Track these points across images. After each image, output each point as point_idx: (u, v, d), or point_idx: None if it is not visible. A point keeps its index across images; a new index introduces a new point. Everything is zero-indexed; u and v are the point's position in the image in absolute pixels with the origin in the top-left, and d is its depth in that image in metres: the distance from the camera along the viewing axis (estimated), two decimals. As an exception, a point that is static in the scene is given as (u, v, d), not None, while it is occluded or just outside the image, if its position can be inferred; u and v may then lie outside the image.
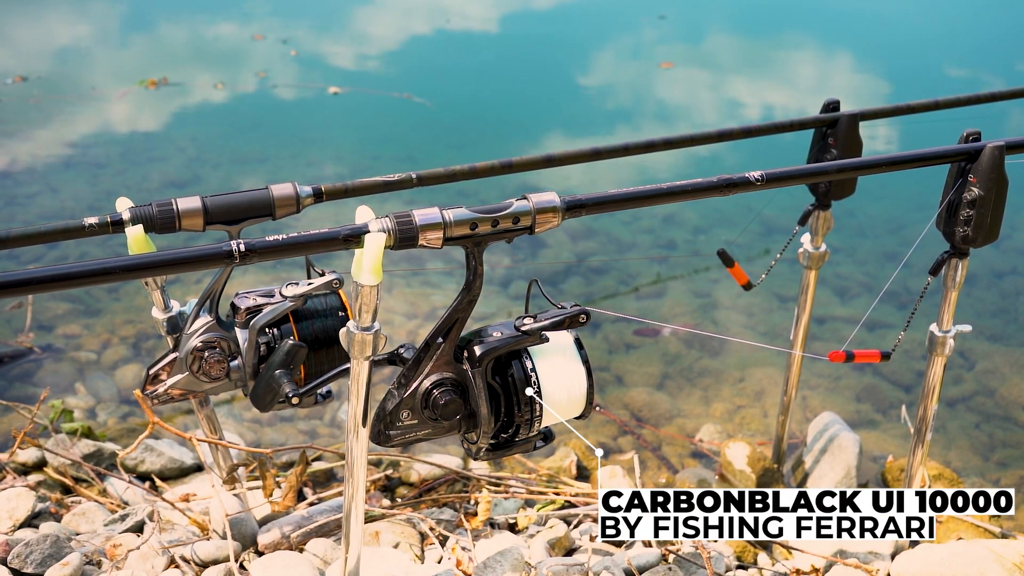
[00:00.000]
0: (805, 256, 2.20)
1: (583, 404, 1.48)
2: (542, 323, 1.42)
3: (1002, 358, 3.36)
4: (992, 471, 2.79)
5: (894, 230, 4.42)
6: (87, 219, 1.56)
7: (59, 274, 1.12)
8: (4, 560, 1.74)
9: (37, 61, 6.74)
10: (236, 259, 1.20)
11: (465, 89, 6.59)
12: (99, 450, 2.37)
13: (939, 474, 2.53)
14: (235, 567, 1.77)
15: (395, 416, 1.43)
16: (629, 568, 1.85)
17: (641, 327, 3.32)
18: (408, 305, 3.58)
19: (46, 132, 5.29)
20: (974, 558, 1.94)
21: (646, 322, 3.34)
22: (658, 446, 2.81)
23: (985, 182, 1.65)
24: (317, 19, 8.52)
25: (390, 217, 1.29)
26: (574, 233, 4.19)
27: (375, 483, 2.28)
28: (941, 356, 1.88)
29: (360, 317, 1.31)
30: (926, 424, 1.95)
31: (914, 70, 7.39)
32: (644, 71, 7.26)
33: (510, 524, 2.12)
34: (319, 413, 2.91)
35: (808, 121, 2.06)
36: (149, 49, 7.38)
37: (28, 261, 3.71)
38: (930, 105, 2.14)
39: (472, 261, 1.37)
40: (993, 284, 3.91)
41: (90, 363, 3.14)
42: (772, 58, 7.74)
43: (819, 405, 3.01)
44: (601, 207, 1.42)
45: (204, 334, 1.65)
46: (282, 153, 5.20)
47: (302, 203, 1.66)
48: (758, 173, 1.50)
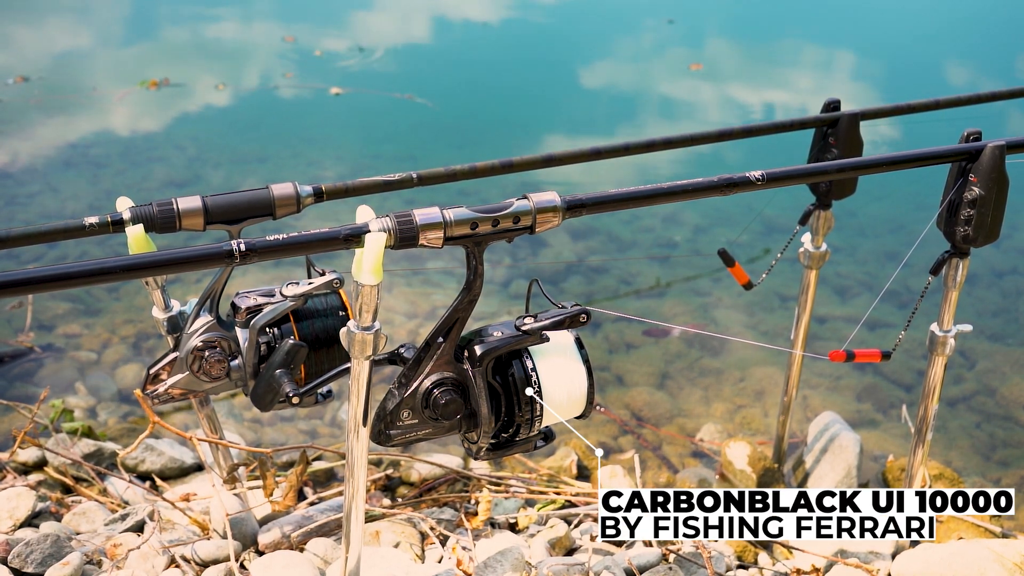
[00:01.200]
0: (806, 256, 2.20)
1: (583, 404, 1.48)
2: (542, 323, 1.42)
3: (1003, 358, 3.36)
4: (993, 471, 2.79)
5: (894, 230, 4.42)
6: (87, 219, 1.56)
7: (59, 274, 1.12)
8: (4, 560, 1.74)
9: (38, 62, 6.73)
10: (236, 259, 1.20)
11: (465, 89, 6.59)
12: (99, 450, 2.37)
13: (940, 474, 2.53)
14: (235, 567, 1.77)
15: (395, 416, 1.43)
16: (630, 568, 1.85)
17: (650, 327, 3.31)
18: (408, 305, 3.58)
19: (47, 132, 5.29)
20: (974, 558, 1.94)
21: (654, 323, 3.33)
22: (659, 446, 2.81)
23: (986, 182, 1.65)
24: (318, 20, 8.52)
25: (390, 217, 1.29)
26: (575, 232, 4.19)
27: (375, 483, 2.28)
28: (942, 356, 1.87)
29: (360, 317, 1.31)
30: (927, 424, 1.95)
31: (914, 70, 7.39)
32: (644, 71, 7.26)
33: (511, 524, 2.12)
34: (319, 413, 2.91)
35: (809, 121, 2.06)
36: (150, 50, 7.38)
37: (28, 260, 3.71)
38: (931, 105, 2.14)
39: (472, 261, 1.37)
40: (994, 284, 3.91)
41: (90, 363, 3.14)
42: (772, 58, 7.73)
43: (820, 405, 3.01)
44: (601, 207, 1.42)
45: (204, 334, 1.65)
46: (282, 153, 5.19)
47: (302, 203, 1.65)
48: (758, 173, 1.50)
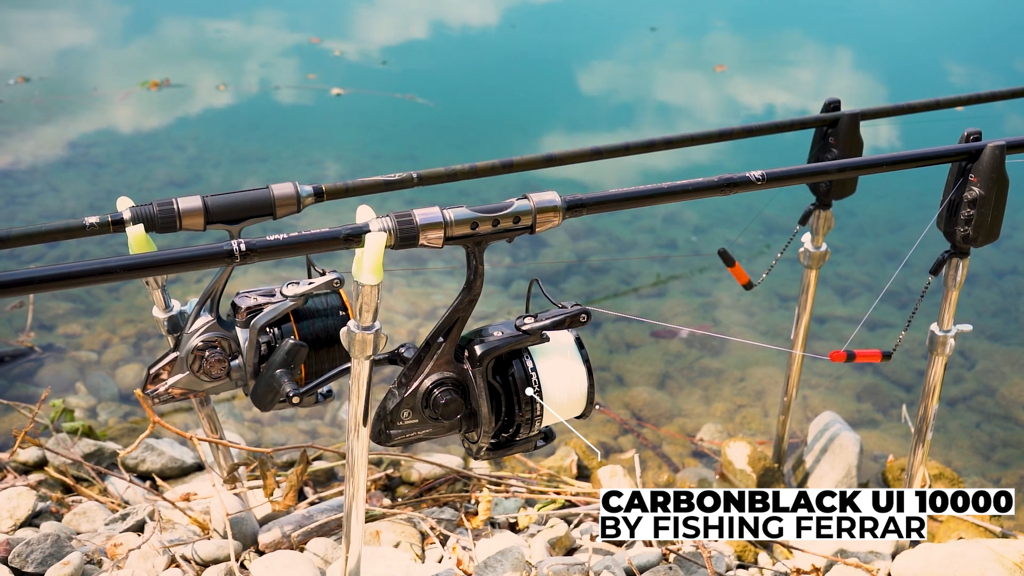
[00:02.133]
0: (806, 256, 2.20)
1: (584, 403, 1.48)
2: (543, 323, 1.42)
3: (1002, 357, 3.36)
4: (993, 470, 2.79)
5: (895, 229, 4.42)
6: (88, 218, 1.55)
7: (60, 274, 1.12)
8: (5, 559, 1.74)
9: (39, 62, 6.73)
10: (237, 259, 1.20)
11: (466, 89, 6.59)
12: (100, 449, 2.37)
13: (940, 473, 2.53)
14: (236, 566, 1.77)
15: (396, 415, 1.43)
16: (630, 568, 1.85)
17: (658, 329, 3.31)
18: (409, 304, 3.58)
19: (47, 131, 5.29)
20: (975, 558, 1.94)
21: (662, 324, 3.34)
22: (659, 445, 2.81)
23: (986, 181, 1.65)
24: (319, 20, 8.52)
25: (391, 216, 1.29)
26: (575, 232, 4.19)
27: (376, 482, 2.28)
28: (942, 356, 1.87)
29: (361, 316, 1.31)
30: (927, 424, 1.95)
31: (914, 70, 7.38)
32: (645, 71, 7.26)
33: (511, 523, 2.12)
34: (320, 412, 2.91)
35: (809, 120, 2.06)
36: (151, 50, 7.38)
37: (29, 260, 3.71)
38: (931, 105, 2.14)
39: (473, 260, 1.37)
40: (993, 284, 3.91)
41: (91, 362, 3.14)
42: (772, 58, 7.73)
43: (820, 405, 3.01)
44: (602, 206, 1.42)
45: (205, 333, 1.65)
46: (283, 153, 5.19)
47: (303, 202, 1.65)
48: (759, 173, 1.50)
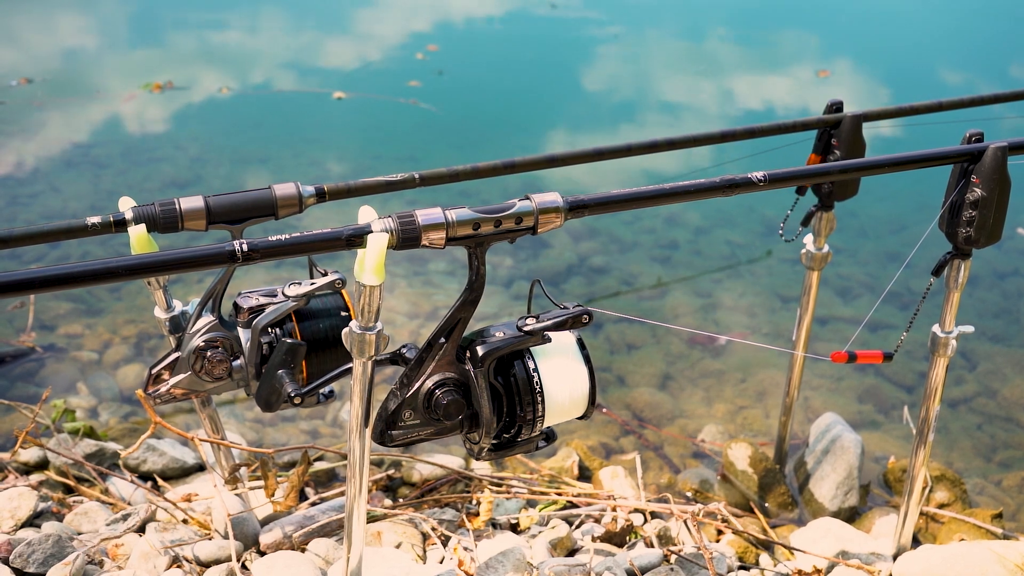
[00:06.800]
0: (808, 257, 2.20)
1: (585, 404, 1.48)
2: (544, 323, 1.42)
3: (1004, 359, 3.36)
4: (994, 472, 2.79)
5: (896, 231, 4.41)
6: (90, 219, 1.55)
7: (62, 274, 1.12)
8: (6, 560, 1.74)
9: (42, 63, 6.74)
10: (239, 259, 1.20)
11: (467, 89, 6.59)
12: (101, 450, 2.37)
13: (941, 475, 2.53)
14: (237, 567, 1.77)
15: (397, 416, 1.43)
16: (631, 568, 1.85)
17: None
18: (410, 305, 3.58)
19: (49, 132, 5.29)
20: (976, 559, 1.94)
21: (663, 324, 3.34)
22: (660, 446, 2.81)
23: (988, 183, 1.65)
24: (320, 21, 8.52)
25: (393, 217, 1.29)
26: (576, 233, 4.19)
27: (377, 483, 2.28)
28: (943, 357, 1.87)
29: (362, 317, 1.31)
30: (928, 425, 1.95)
31: (914, 72, 7.38)
32: (645, 71, 7.26)
33: (512, 524, 2.12)
34: (321, 413, 2.91)
35: (811, 122, 2.06)
36: (154, 52, 7.38)
37: (30, 260, 3.71)
38: (933, 106, 2.14)
39: (474, 261, 1.37)
40: (995, 285, 3.91)
41: (92, 363, 3.14)
42: (773, 57, 7.73)
43: (821, 406, 3.00)
44: (604, 207, 1.42)
45: (206, 334, 1.65)
46: (284, 153, 5.19)
47: (305, 203, 1.66)
48: (760, 174, 1.50)
